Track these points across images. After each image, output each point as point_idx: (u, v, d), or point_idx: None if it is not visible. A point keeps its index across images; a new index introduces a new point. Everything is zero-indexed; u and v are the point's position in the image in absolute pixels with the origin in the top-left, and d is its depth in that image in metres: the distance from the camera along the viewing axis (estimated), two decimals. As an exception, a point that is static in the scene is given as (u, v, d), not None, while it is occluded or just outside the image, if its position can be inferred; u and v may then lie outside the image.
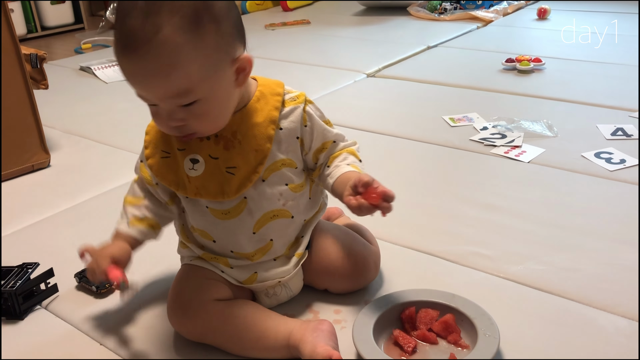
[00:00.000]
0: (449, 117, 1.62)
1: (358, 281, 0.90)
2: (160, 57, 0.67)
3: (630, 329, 0.82)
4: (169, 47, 0.67)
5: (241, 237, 0.83)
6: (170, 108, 0.72)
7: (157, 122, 0.77)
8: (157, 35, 0.66)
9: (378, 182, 0.76)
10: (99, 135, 1.67)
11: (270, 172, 0.81)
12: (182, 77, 0.69)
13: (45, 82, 1.50)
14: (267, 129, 0.80)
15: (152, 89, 0.71)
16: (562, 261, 0.98)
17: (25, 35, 3.07)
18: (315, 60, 2.28)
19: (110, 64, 2.33)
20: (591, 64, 2.04)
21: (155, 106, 0.74)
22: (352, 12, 3.18)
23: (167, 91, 0.70)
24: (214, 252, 0.85)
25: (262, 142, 0.79)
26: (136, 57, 0.68)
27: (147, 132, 0.84)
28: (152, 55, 0.67)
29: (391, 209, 0.74)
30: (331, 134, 0.85)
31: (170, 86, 0.69)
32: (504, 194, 1.21)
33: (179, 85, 0.69)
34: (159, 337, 0.86)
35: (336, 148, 0.86)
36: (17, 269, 0.95)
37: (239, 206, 0.81)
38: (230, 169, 0.79)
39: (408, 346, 0.78)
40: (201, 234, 0.84)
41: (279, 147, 0.81)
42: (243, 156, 0.79)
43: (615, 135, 1.45)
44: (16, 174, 1.42)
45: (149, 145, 0.83)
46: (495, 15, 2.84)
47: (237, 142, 0.79)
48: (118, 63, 0.71)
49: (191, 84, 0.70)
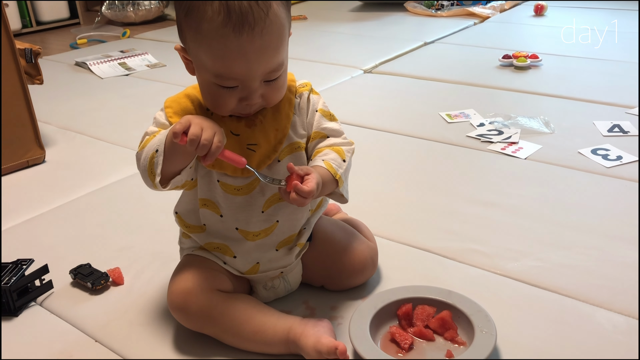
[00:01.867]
0: (446, 113, 1.62)
1: (356, 278, 0.90)
2: (273, 33, 0.72)
3: (627, 326, 0.82)
4: (279, 22, 0.72)
5: (250, 214, 0.83)
6: (256, 86, 0.74)
7: (222, 104, 0.76)
8: (270, 11, 0.71)
9: (310, 176, 0.74)
10: (94, 131, 1.66)
11: (287, 153, 0.83)
12: (283, 51, 0.75)
13: (40, 77, 1.49)
14: (286, 110, 0.82)
15: (261, 64, 0.72)
16: (559, 258, 0.98)
17: (20, 30, 3.05)
18: (312, 56, 2.28)
19: (105, 60, 2.32)
20: (588, 60, 2.04)
21: (230, 89, 0.74)
22: (349, 8, 3.17)
23: (271, 65, 0.73)
24: (218, 233, 0.85)
25: (283, 123, 0.82)
26: (252, 35, 0.70)
27: (167, 106, 0.82)
28: (267, 32, 0.71)
29: (298, 203, 0.73)
30: (327, 126, 0.85)
31: (276, 59, 0.74)
32: (501, 190, 1.21)
33: (279, 60, 0.74)
34: (155, 334, 0.85)
35: (325, 143, 0.85)
36: (12, 266, 0.95)
37: (251, 184, 0.82)
38: (252, 146, 0.80)
39: (405, 343, 0.78)
40: (211, 207, 0.84)
41: (295, 130, 0.83)
42: (264, 134, 0.81)
43: (612, 131, 1.45)
44: (11, 170, 1.42)
45: (174, 115, 0.81)
46: (492, 11, 2.84)
47: (258, 121, 0.81)
48: (217, 45, 0.70)
49: (283, 59, 0.75)
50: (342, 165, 0.81)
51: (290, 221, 0.85)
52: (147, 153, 0.76)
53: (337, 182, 0.80)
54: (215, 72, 0.73)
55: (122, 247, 1.08)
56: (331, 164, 0.80)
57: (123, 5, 3.09)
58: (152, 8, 3.15)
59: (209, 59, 0.73)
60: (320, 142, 0.85)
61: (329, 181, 0.79)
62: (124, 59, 2.34)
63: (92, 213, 1.21)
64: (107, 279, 0.96)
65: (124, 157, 1.46)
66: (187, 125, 0.70)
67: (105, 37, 2.88)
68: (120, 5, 3.10)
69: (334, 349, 0.74)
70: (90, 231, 1.14)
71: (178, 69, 2.25)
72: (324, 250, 0.89)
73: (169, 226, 0.91)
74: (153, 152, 0.75)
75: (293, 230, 0.87)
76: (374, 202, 1.19)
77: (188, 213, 0.87)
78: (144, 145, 0.78)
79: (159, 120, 0.82)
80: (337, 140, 0.85)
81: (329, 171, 0.79)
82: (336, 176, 0.79)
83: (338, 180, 0.80)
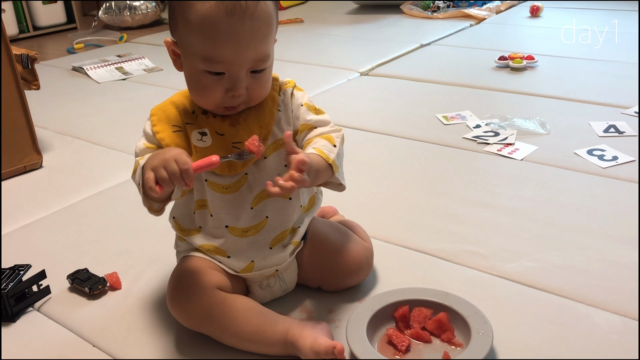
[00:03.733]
0: (442, 115, 1.62)
1: (351, 278, 0.91)
2: (263, 20, 0.76)
3: (624, 326, 0.82)
4: (268, 13, 0.77)
5: (239, 211, 0.84)
6: (242, 75, 0.77)
7: (209, 94, 0.79)
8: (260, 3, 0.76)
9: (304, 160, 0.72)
10: (91, 135, 1.66)
11: (272, 150, 0.84)
12: (270, 42, 0.79)
13: (36, 82, 1.49)
14: (270, 107, 0.84)
15: (250, 49, 0.76)
16: (555, 258, 0.98)
17: (17, 35, 3.05)
18: (309, 59, 2.28)
19: (102, 64, 2.32)
20: (583, 61, 2.05)
21: (219, 75, 0.77)
22: (346, 11, 3.18)
23: (258, 53, 0.77)
24: (211, 233, 0.85)
25: (267, 119, 0.83)
26: (243, 17, 0.74)
27: (153, 114, 0.85)
28: (257, 18, 0.75)
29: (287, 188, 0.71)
30: (313, 118, 0.86)
31: (263, 48, 0.77)
32: (497, 191, 1.21)
33: (266, 50, 0.78)
34: (152, 338, 0.85)
35: (313, 133, 0.85)
36: (9, 271, 0.95)
37: (239, 182, 0.83)
38: (237, 144, 0.82)
39: (402, 345, 0.78)
40: (201, 207, 0.85)
41: (280, 127, 0.85)
42: (248, 132, 0.82)
43: (607, 132, 1.45)
44: (8, 175, 1.42)
45: (157, 123, 0.84)
46: (488, 13, 2.84)
47: (242, 120, 0.83)
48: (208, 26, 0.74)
49: (270, 51, 0.79)
50: (333, 150, 0.81)
51: (280, 217, 0.86)
52: (136, 183, 0.81)
53: (332, 167, 0.79)
54: (205, 55, 0.75)
55: (120, 251, 1.08)
56: (322, 149, 0.80)
57: (120, 10, 3.10)
58: (149, 12, 3.16)
59: (199, 41, 0.75)
60: (308, 133, 0.85)
61: (324, 168, 0.78)
62: (121, 63, 2.34)
63: (89, 218, 1.21)
64: (104, 283, 0.96)
65: (121, 162, 1.47)
66: (153, 178, 0.72)
67: (102, 42, 2.88)
68: (117, 9, 3.10)
69: (332, 348, 0.74)
70: (87, 236, 1.15)
71: (175, 73, 2.25)
72: (319, 250, 0.90)
73: (165, 231, 0.91)
74: (138, 185, 0.80)
75: (284, 227, 0.87)
76: (370, 204, 1.19)
77: (184, 217, 0.87)
78: (134, 171, 0.82)
79: (146, 131, 0.84)
80: (325, 129, 0.85)
81: (320, 156, 0.79)
82: (329, 160, 0.79)
83: (332, 165, 0.79)
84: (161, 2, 3.24)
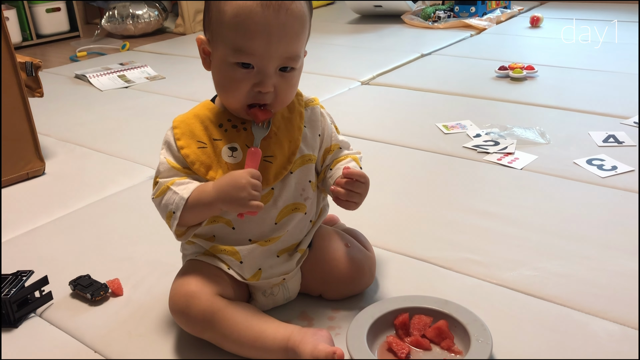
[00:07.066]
0: (442, 124, 1.63)
1: (353, 286, 0.91)
2: (296, 18, 0.78)
3: (623, 335, 0.83)
4: (302, 13, 0.79)
5: (263, 226, 0.85)
6: (271, 71, 0.78)
7: (236, 88, 0.80)
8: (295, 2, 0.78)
9: (360, 176, 0.83)
10: (93, 143, 1.67)
11: (298, 165, 0.86)
12: (301, 42, 0.80)
13: (40, 90, 1.51)
14: (298, 123, 0.87)
15: (280, 44, 0.77)
16: (555, 267, 0.98)
17: (21, 43, 3.07)
18: (310, 68, 2.27)
19: (105, 72, 2.34)
20: (583, 71, 2.06)
21: (248, 69, 0.78)
22: (347, 20, 3.19)
23: (288, 50, 0.78)
24: (229, 241, 0.86)
25: (295, 134, 0.86)
26: (278, 12, 0.76)
27: (175, 126, 0.85)
28: (291, 14, 0.77)
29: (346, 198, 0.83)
30: (338, 139, 0.91)
31: (294, 46, 0.79)
32: (497, 200, 1.22)
33: (297, 48, 0.79)
34: (154, 344, 0.86)
35: (341, 153, 0.90)
36: (12, 277, 0.95)
37: (266, 197, 0.84)
38: (268, 158, 0.83)
39: (402, 352, 0.79)
40: (221, 221, 0.85)
41: (306, 143, 0.87)
42: (279, 146, 0.84)
43: (607, 142, 1.46)
44: (11, 182, 1.42)
45: (182, 137, 0.84)
46: (489, 23, 2.86)
47: (272, 133, 0.84)
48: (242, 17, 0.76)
49: (300, 52, 0.81)
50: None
51: (297, 229, 0.88)
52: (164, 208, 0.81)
53: None
54: (236, 46, 0.77)
55: (122, 258, 1.08)
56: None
57: (122, 18, 3.12)
58: (152, 21, 3.18)
59: (231, 32, 0.77)
60: (338, 153, 0.90)
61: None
62: (123, 71, 2.36)
63: (91, 224, 1.22)
64: (106, 290, 0.96)
65: (124, 169, 1.47)
66: (242, 203, 0.77)
67: (105, 50, 2.90)
68: (119, 18, 3.12)
69: (332, 353, 0.74)
70: (89, 242, 1.15)
71: (177, 82, 2.27)
72: (321, 258, 0.90)
73: (167, 237, 0.91)
74: (170, 212, 0.81)
75: (297, 239, 0.89)
76: (371, 213, 1.19)
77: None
78: (161, 193, 0.82)
79: (170, 142, 0.84)
80: (349, 151, 0.91)
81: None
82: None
83: None
84: (163, 11, 3.26)
